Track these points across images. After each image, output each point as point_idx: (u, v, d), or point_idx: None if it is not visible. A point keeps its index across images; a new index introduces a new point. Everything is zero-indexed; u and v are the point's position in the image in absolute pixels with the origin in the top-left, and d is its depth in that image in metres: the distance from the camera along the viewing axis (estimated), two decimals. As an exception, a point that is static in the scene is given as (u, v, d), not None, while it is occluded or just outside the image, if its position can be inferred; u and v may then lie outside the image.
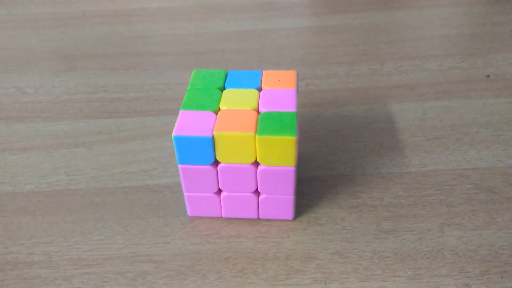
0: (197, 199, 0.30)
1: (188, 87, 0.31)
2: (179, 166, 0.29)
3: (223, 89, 0.31)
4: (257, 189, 0.30)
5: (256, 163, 0.28)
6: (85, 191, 0.34)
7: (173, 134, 0.27)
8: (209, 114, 0.28)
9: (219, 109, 0.29)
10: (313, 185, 0.34)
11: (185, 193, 0.30)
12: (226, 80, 0.31)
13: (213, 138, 0.27)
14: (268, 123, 0.27)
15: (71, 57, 0.52)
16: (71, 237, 0.31)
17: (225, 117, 0.28)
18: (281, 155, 0.27)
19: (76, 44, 0.54)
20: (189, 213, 0.32)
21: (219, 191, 0.30)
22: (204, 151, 0.27)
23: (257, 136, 0.27)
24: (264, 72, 0.32)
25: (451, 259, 0.29)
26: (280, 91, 0.30)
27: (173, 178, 0.35)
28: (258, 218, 0.31)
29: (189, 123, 0.28)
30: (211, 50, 0.52)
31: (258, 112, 0.29)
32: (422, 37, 0.53)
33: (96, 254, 0.30)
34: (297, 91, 0.31)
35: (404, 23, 0.56)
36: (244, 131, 0.27)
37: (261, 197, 0.30)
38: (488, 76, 0.46)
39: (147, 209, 0.33)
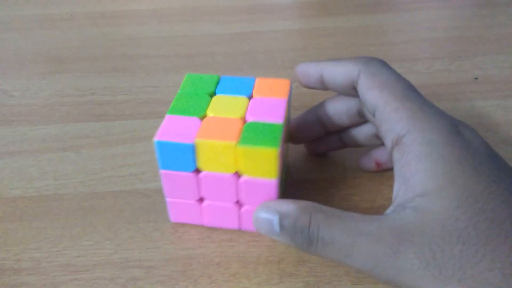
0: (179, 205, 0.30)
1: (179, 91, 0.30)
2: (161, 171, 0.28)
3: (213, 94, 0.30)
4: (238, 200, 0.29)
5: (238, 173, 0.28)
6: (74, 196, 0.34)
7: (155, 139, 0.26)
8: (195, 120, 0.28)
9: (205, 116, 0.28)
10: (305, 188, 0.34)
11: (167, 199, 0.30)
12: (218, 86, 0.31)
13: (194, 145, 0.26)
14: (251, 133, 0.26)
15: (58, 59, 0.51)
16: (59, 243, 0.30)
17: (210, 124, 0.27)
18: (263, 166, 0.26)
19: (63, 46, 0.53)
20: (171, 219, 0.31)
21: (201, 199, 0.30)
22: (186, 158, 0.27)
23: (238, 146, 0.26)
24: (257, 79, 0.31)
25: (442, 261, 0.29)
26: (270, 100, 0.29)
27: (163, 182, 0.35)
28: (240, 229, 0.31)
29: (172, 128, 0.27)
30: (201, 52, 0.52)
31: (245, 121, 0.28)
32: (411, 40, 0.53)
33: (85, 260, 0.29)
34: (289, 100, 0.30)
35: (393, 26, 0.57)
36: (225, 140, 0.26)
37: (243, 208, 0.29)
38: (476, 78, 0.46)
39: (137, 213, 0.32)
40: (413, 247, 0.22)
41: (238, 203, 0.29)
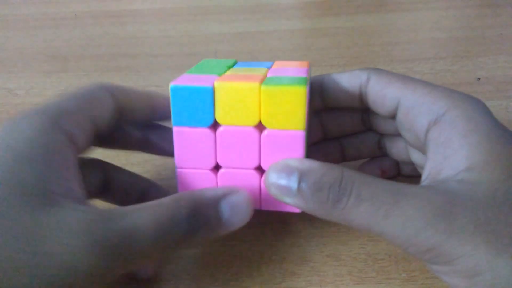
0: (190, 176, 0.27)
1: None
2: (174, 128, 0.25)
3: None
4: (260, 165, 0.26)
5: (260, 128, 0.25)
6: (78, 194, 0.34)
7: (171, 84, 0.24)
8: (214, 76, 0.26)
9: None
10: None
11: (177, 169, 0.26)
12: (235, 65, 0.30)
13: (213, 90, 0.24)
14: (276, 79, 0.25)
15: (62, 58, 0.51)
16: (63, 241, 0.31)
17: (231, 74, 0.26)
18: (288, 113, 0.24)
19: (67, 45, 0.54)
20: (179, 191, 0.27)
21: (217, 167, 0.27)
22: (203, 106, 0.24)
23: (262, 86, 0.24)
24: (275, 62, 0.30)
25: (444, 261, 0.29)
26: (291, 68, 0.28)
27: (166, 181, 0.35)
28: (260, 209, 0.27)
29: (190, 79, 0.25)
30: (204, 51, 0.52)
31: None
32: (414, 40, 0.53)
33: (89, 258, 0.29)
34: (309, 82, 0.28)
35: (396, 26, 0.57)
36: (248, 81, 0.24)
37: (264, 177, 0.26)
38: (479, 79, 0.46)
39: (140, 212, 0.32)
40: (467, 211, 0.21)
41: (259, 170, 0.26)
